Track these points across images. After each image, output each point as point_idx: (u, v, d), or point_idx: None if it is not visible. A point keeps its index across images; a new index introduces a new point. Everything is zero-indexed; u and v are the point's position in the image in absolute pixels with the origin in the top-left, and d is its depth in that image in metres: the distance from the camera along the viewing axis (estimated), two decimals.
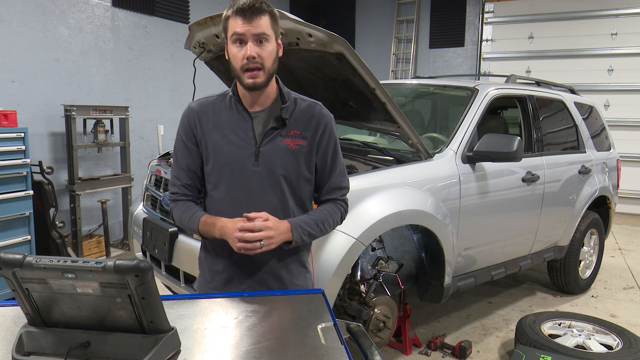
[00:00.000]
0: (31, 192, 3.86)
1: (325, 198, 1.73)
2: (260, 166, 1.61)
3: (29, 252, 3.71)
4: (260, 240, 1.51)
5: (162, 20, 6.00)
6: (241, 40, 1.52)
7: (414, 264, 3.10)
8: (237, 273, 1.68)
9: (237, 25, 1.51)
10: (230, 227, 1.56)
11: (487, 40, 8.55)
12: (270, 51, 1.54)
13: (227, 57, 1.60)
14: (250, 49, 1.50)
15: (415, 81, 4.16)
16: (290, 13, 2.25)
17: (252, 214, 1.53)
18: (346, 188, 1.76)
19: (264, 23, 1.51)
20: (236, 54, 1.53)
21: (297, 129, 1.63)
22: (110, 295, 1.04)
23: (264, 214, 1.54)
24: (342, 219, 1.76)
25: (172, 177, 1.73)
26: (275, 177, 1.62)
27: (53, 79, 4.85)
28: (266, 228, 1.52)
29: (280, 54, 1.62)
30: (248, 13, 1.49)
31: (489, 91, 3.40)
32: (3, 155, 3.65)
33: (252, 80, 1.53)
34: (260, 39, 1.52)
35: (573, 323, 3.23)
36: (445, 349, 3.23)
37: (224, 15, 1.57)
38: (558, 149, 4.04)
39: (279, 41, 1.60)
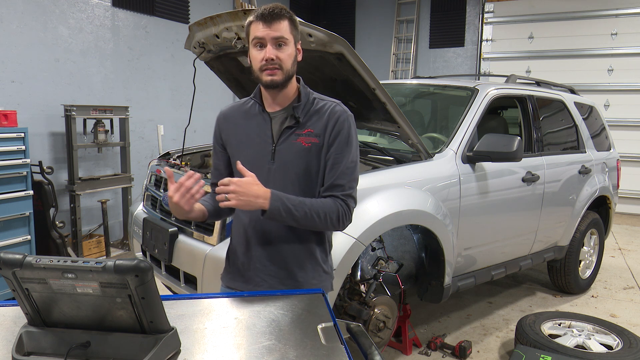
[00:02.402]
0: (31, 192, 3.86)
1: (324, 194, 1.67)
2: (275, 164, 1.67)
3: (29, 252, 3.72)
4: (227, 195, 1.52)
5: (162, 20, 6.00)
6: (261, 43, 1.60)
7: (414, 264, 3.10)
8: (255, 269, 1.75)
9: (258, 30, 1.60)
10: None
11: (487, 40, 8.54)
12: (289, 54, 1.62)
13: (249, 62, 1.67)
14: (269, 51, 1.59)
15: (415, 81, 4.16)
16: None
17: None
18: (346, 187, 1.66)
19: (283, 27, 1.60)
20: (256, 57, 1.62)
21: (312, 128, 1.67)
22: (110, 295, 1.04)
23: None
24: (340, 220, 1.65)
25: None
26: (288, 175, 1.67)
27: (53, 79, 4.85)
28: (232, 184, 1.52)
29: (300, 58, 1.69)
30: (268, 18, 1.58)
31: (489, 91, 3.40)
32: (3, 155, 3.65)
33: (270, 77, 1.61)
34: (279, 43, 1.60)
35: (573, 323, 3.23)
36: (445, 349, 3.23)
37: (247, 21, 1.66)
38: (558, 149, 4.04)
39: (299, 46, 1.68)
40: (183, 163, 3.22)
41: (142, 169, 5.40)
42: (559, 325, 3.23)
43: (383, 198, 2.57)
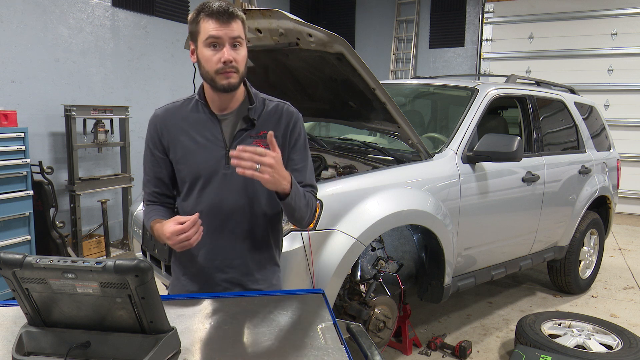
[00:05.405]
0: (31, 192, 3.86)
1: None
2: (232, 168, 1.51)
3: (29, 252, 3.71)
4: (258, 165, 1.39)
5: (162, 20, 5.99)
6: (217, 43, 1.50)
7: (414, 264, 3.10)
8: (213, 276, 1.66)
9: (211, 28, 1.49)
10: (162, 231, 1.53)
11: (487, 40, 8.54)
12: (243, 55, 1.55)
13: (194, 60, 1.58)
14: (228, 52, 1.49)
15: (415, 81, 4.16)
16: (290, 13, 2.25)
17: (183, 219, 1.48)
18: (314, 186, 1.70)
19: (238, 27, 1.51)
20: (210, 57, 1.51)
21: (267, 129, 1.57)
22: (110, 295, 1.04)
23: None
24: (314, 214, 1.68)
25: (143, 183, 1.79)
26: (247, 179, 1.51)
27: (53, 79, 4.85)
28: (269, 155, 1.41)
29: (249, 63, 1.65)
30: (224, 17, 1.48)
31: (489, 91, 3.40)
32: (3, 155, 3.65)
33: (227, 80, 1.52)
34: (234, 43, 1.51)
35: (573, 323, 3.23)
36: (445, 349, 3.23)
37: (191, 17, 1.54)
38: (558, 149, 4.04)
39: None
40: None
41: (142, 169, 5.39)
42: (559, 325, 3.23)
43: (383, 198, 2.57)
